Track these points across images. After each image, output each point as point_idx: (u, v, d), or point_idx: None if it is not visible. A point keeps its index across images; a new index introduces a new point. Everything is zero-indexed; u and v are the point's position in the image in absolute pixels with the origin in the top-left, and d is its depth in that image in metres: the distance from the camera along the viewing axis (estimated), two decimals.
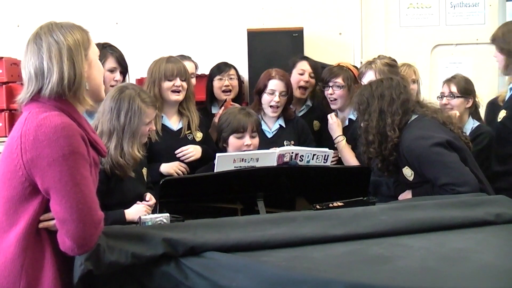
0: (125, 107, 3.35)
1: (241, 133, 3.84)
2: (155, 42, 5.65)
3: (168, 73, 4.04)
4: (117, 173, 3.32)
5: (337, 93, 4.42)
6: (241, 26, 5.57)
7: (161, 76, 4.05)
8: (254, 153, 3.50)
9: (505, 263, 2.34)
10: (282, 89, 4.31)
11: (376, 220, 2.76)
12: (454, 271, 2.27)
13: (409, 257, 2.42)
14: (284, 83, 4.33)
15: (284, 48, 5.20)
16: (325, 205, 3.07)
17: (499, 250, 2.52)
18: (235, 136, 3.85)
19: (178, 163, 4.04)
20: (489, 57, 5.68)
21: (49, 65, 2.28)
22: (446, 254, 2.46)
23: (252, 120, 3.87)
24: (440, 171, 3.33)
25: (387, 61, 4.21)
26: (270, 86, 4.31)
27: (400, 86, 3.59)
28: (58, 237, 2.25)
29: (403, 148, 3.44)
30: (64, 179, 2.17)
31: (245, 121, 3.84)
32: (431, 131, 3.46)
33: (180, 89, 4.07)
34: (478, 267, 2.30)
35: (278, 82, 4.31)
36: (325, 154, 3.51)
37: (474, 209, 2.91)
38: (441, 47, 5.78)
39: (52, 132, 2.18)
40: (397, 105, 3.51)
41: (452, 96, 4.42)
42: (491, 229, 2.79)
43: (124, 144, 3.33)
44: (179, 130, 4.16)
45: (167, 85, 4.06)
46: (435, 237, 2.67)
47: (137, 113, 3.34)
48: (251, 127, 3.85)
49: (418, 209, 2.91)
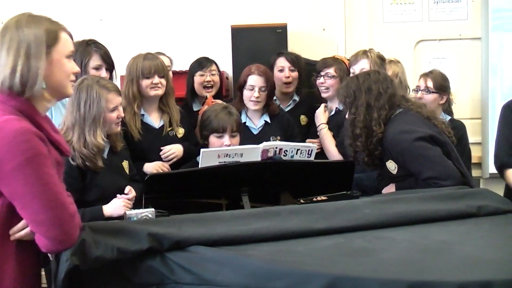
0: (84, 96, 3.34)
1: (220, 133, 3.84)
2: (139, 38, 5.63)
3: (145, 71, 4.03)
4: (89, 165, 3.31)
5: (328, 83, 4.49)
6: (225, 23, 5.56)
7: (138, 74, 4.03)
8: (238, 148, 3.51)
9: (486, 255, 2.38)
10: (261, 85, 4.32)
11: (360, 213, 2.79)
12: (437, 263, 2.30)
13: (392, 250, 2.45)
14: (264, 78, 4.34)
15: (268, 44, 5.20)
16: (309, 200, 3.09)
17: (481, 242, 2.55)
18: (215, 135, 3.86)
19: (161, 163, 4.04)
20: (472, 53, 5.76)
21: (5, 58, 2.26)
22: (428, 246, 2.49)
23: (232, 120, 3.87)
24: (424, 165, 3.35)
25: (380, 55, 4.32)
26: (250, 82, 4.33)
27: (387, 80, 3.61)
28: (37, 241, 2.23)
29: (387, 142, 3.46)
30: (31, 182, 2.15)
31: (225, 121, 3.84)
32: (414, 125, 3.48)
33: (160, 86, 4.07)
34: (460, 259, 2.34)
35: (257, 77, 4.33)
36: (309, 149, 3.51)
37: (457, 202, 2.95)
38: (424, 42, 5.80)
39: (12, 137, 2.15)
40: (384, 99, 3.53)
41: (428, 91, 4.49)
42: (473, 221, 2.83)
43: (86, 134, 3.32)
44: (161, 127, 4.15)
45: (145, 82, 4.05)
46: (418, 229, 2.71)
47: (95, 99, 3.33)
48: (231, 127, 3.85)
49: (401, 202, 2.94)
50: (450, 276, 2.15)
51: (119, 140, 3.62)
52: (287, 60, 4.75)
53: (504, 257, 2.35)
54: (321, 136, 4.41)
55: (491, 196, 3.06)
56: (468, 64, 5.79)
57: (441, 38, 5.79)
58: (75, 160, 3.27)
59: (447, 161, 3.39)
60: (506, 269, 2.22)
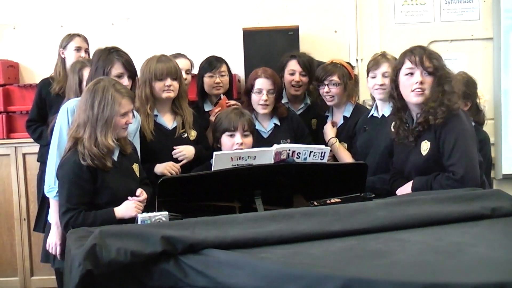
0: (99, 97, 3.36)
1: (232, 131, 3.85)
2: (151, 42, 5.66)
3: (158, 73, 4.04)
4: (98, 164, 3.32)
5: (333, 91, 4.43)
6: (237, 25, 5.59)
7: (151, 76, 4.05)
8: (251, 151, 3.51)
9: (501, 255, 2.36)
10: (269, 87, 4.31)
11: (373, 215, 2.78)
12: (451, 264, 2.29)
13: (406, 251, 2.44)
14: (271, 81, 4.32)
15: (280, 47, 5.20)
16: (323, 202, 3.09)
17: (495, 243, 2.54)
18: (226, 135, 3.86)
19: (171, 163, 4.05)
20: (484, 53, 5.74)
21: None
22: (443, 247, 2.48)
23: (244, 119, 3.88)
24: (458, 150, 3.37)
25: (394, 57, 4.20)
26: (257, 85, 4.32)
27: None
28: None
29: (446, 130, 3.44)
30: None
31: (236, 120, 3.85)
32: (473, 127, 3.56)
33: (172, 88, 4.08)
34: (474, 260, 2.33)
35: (264, 80, 4.31)
36: (322, 151, 3.51)
37: (471, 203, 2.93)
38: (436, 43, 5.78)
39: None
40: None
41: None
42: (487, 222, 2.81)
43: (98, 134, 3.33)
44: (173, 129, 4.16)
45: (158, 85, 4.06)
46: (432, 231, 2.69)
47: (110, 102, 3.35)
48: (243, 125, 3.86)
49: (415, 204, 2.93)
50: (465, 277, 2.14)
51: (128, 144, 3.62)
52: (299, 64, 4.72)
53: None
54: (334, 151, 4.35)
55: (505, 197, 3.04)
56: (480, 64, 5.79)
57: (453, 38, 5.80)
58: (85, 159, 3.28)
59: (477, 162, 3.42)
60: None
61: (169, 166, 4.03)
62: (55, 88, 4.90)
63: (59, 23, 5.73)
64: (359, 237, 2.63)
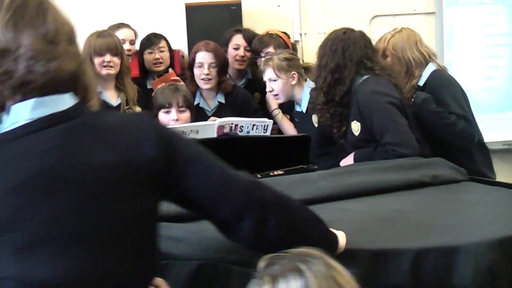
0: None
1: (167, 108, 3.82)
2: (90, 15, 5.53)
3: (97, 49, 3.99)
4: None
5: None
6: (179, 0, 5.52)
7: (91, 52, 3.99)
8: (193, 125, 3.49)
9: (440, 221, 2.40)
10: (210, 61, 4.26)
11: (316, 186, 2.79)
12: (392, 231, 2.32)
13: (348, 220, 2.44)
14: (213, 54, 4.27)
15: (223, 22, 5.15)
16: (266, 174, 3.08)
17: (435, 209, 2.58)
18: (162, 112, 3.84)
19: None
20: (427, 27, 5.79)
21: None
22: (384, 215, 2.50)
23: (178, 95, 3.85)
24: (388, 129, 3.39)
25: (284, 55, 4.14)
26: (198, 59, 4.27)
27: (356, 42, 3.62)
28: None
29: (358, 100, 3.48)
30: None
31: (170, 96, 3.83)
32: (387, 89, 3.54)
33: (112, 65, 4.02)
34: (416, 226, 2.36)
35: (205, 53, 4.27)
36: (264, 124, 3.52)
37: (411, 172, 2.97)
38: (379, 18, 5.81)
39: None
40: (352, 61, 3.56)
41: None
42: (428, 190, 2.85)
43: None
44: (118, 106, 4.11)
45: (97, 60, 4.01)
46: (374, 200, 2.72)
47: None
48: (177, 101, 3.82)
49: (357, 173, 2.95)
50: (405, 243, 2.17)
51: None
52: (244, 39, 4.69)
53: (459, 222, 2.38)
54: (277, 122, 4.35)
55: (446, 165, 3.08)
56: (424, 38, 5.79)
57: (396, 13, 5.81)
58: None
59: (410, 132, 3.43)
60: (462, 234, 2.25)
61: None
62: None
63: None
64: None
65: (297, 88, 4.07)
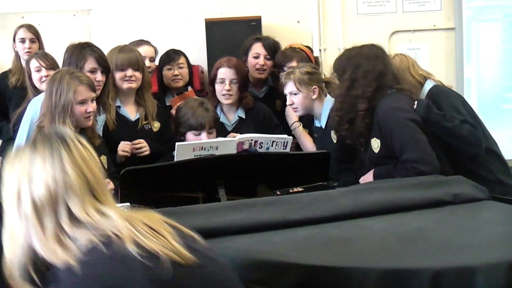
0: (56, 85, 3.41)
1: (199, 130, 3.84)
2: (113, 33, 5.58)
3: (119, 64, 4.02)
4: None
5: None
6: (199, 16, 5.55)
7: (113, 67, 4.00)
8: (213, 141, 3.49)
9: (462, 240, 2.38)
10: (232, 77, 4.26)
11: (336, 203, 2.77)
12: (413, 250, 2.30)
13: (368, 238, 2.44)
14: (234, 70, 4.27)
15: (243, 37, 5.13)
16: (286, 191, 3.08)
17: (456, 228, 2.55)
18: (193, 133, 3.86)
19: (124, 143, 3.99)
20: (446, 43, 5.78)
21: None
22: (404, 234, 2.48)
23: (209, 116, 3.88)
24: (408, 146, 3.39)
25: (306, 69, 4.11)
26: (220, 75, 4.28)
27: (379, 58, 3.62)
28: None
29: (378, 116, 3.47)
30: None
31: (203, 118, 3.85)
32: (408, 106, 3.54)
33: (134, 79, 4.04)
34: (436, 245, 2.34)
35: (226, 69, 4.27)
36: (284, 140, 3.51)
37: (432, 189, 2.94)
38: (399, 33, 5.83)
39: None
40: (372, 77, 3.54)
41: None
42: (449, 208, 2.82)
43: (56, 121, 3.36)
44: (136, 120, 4.12)
45: (119, 75, 4.03)
46: (394, 218, 2.69)
47: (65, 89, 3.38)
48: (209, 124, 3.86)
49: (377, 191, 2.93)
50: (426, 262, 2.15)
51: (96, 137, 3.63)
52: (264, 47, 4.69)
53: (479, 242, 2.36)
54: (296, 135, 4.34)
55: (467, 183, 3.05)
56: (443, 54, 5.83)
57: (415, 29, 5.82)
58: None
59: (430, 149, 3.42)
60: (482, 254, 2.23)
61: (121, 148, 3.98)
62: (12, 81, 4.85)
63: (21, 15, 5.66)
64: (321, 225, 2.62)
65: (317, 102, 4.06)
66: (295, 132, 4.32)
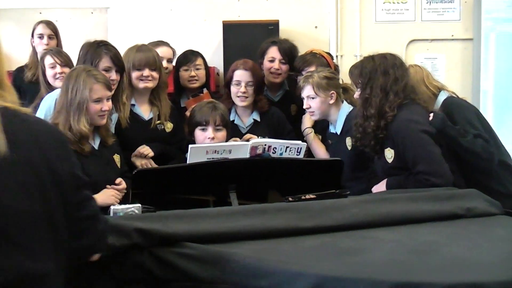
0: (72, 82, 3.43)
1: (203, 125, 3.83)
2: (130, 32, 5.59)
3: (136, 63, 4.01)
4: (74, 148, 3.25)
5: None
6: (217, 18, 5.55)
7: (129, 66, 4.01)
8: (226, 145, 3.49)
9: (474, 256, 2.37)
10: (248, 79, 4.25)
11: (347, 212, 2.77)
12: (424, 264, 2.29)
13: (379, 250, 2.43)
14: (250, 73, 4.26)
15: (260, 41, 5.10)
16: (298, 198, 3.07)
17: (469, 243, 2.54)
18: (199, 129, 3.85)
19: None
20: (463, 53, 5.75)
21: None
22: (416, 246, 2.47)
23: (216, 113, 3.85)
24: (421, 158, 3.38)
25: (325, 74, 4.07)
26: (236, 77, 4.26)
27: (403, 67, 3.62)
28: None
29: (392, 127, 3.46)
30: None
31: (208, 114, 3.83)
32: (423, 118, 3.53)
33: (150, 79, 4.04)
34: (447, 260, 2.33)
35: (243, 72, 4.26)
36: (298, 146, 3.50)
37: (445, 202, 2.93)
38: (416, 42, 5.80)
39: None
40: (401, 85, 3.54)
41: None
42: (461, 222, 2.81)
43: (71, 119, 3.37)
44: (150, 120, 4.11)
45: (135, 74, 4.03)
46: (406, 230, 2.69)
47: (81, 87, 3.39)
48: (214, 120, 3.83)
49: (390, 202, 2.92)
50: (437, 277, 2.14)
51: (110, 136, 3.64)
52: (279, 52, 4.66)
53: (491, 259, 2.35)
54: (308, 142, 4.29)
55: (481, 197, 3.04)
56: (460, 65, 5.80)
57: (433, 38, 5.80)
58: None
59: (444, 162, 3.41)
60: (493, 271, 2.22)
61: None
62: (27, 76, 4.88)
63: (38, 10, 5.68)
64: (332, 234, 2.62)
65: (334, 108, 4.04)
66: (307, 138, 4.30)
